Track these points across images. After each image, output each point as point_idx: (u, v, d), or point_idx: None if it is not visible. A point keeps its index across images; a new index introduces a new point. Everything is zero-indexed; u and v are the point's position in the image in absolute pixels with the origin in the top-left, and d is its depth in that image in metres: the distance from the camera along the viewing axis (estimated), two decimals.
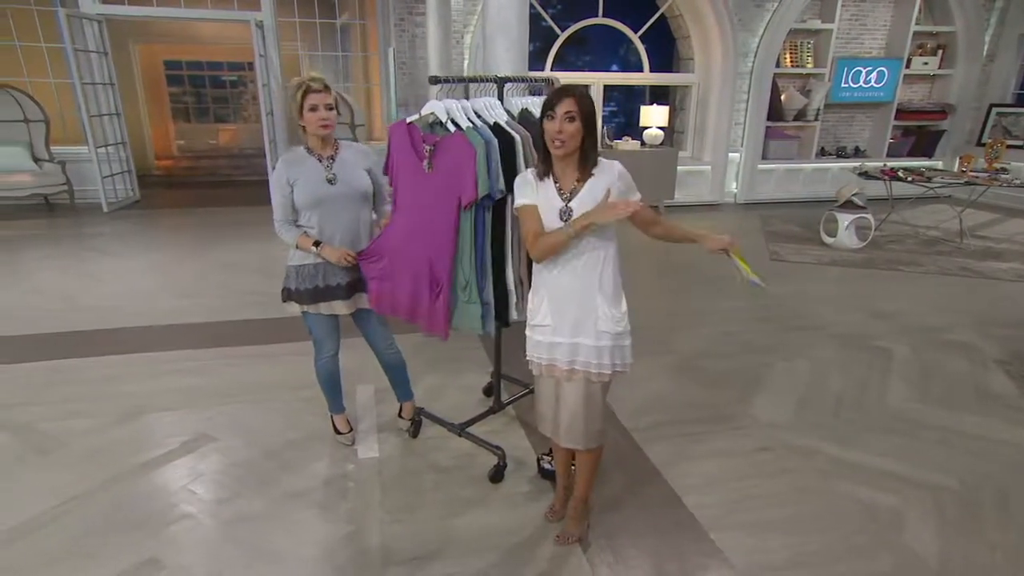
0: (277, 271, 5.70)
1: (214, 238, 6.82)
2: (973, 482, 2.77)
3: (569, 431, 2.20)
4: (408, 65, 7.39)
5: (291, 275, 2.69)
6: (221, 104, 12.09)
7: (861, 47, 9.11)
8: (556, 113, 1.92)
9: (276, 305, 4.76)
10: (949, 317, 4.72)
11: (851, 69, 8.86)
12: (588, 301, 2.07)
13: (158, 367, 3.78)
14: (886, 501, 2.64)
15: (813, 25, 8.64)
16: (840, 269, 5.95)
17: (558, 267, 2.09)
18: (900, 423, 3.26)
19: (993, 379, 3.75)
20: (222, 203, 8.75)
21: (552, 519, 2.49)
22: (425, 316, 2.51)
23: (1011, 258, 6.31)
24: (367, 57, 9.53)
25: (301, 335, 4.16)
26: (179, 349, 4.04)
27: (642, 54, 8.63)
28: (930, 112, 9.43)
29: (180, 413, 3.27)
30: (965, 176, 6.57)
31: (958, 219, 7.01)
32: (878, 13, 9.06)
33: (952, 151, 9.52)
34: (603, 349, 2.08)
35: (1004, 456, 2.99)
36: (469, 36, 7.53)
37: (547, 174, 2.07)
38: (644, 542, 2.39)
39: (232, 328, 4.40)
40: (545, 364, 2.19)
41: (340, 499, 2.63)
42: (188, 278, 5.50)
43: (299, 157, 2.60)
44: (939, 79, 9.52)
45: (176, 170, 10.93)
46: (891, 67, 8.97)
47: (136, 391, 3.48)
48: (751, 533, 2.44)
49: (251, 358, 3.94)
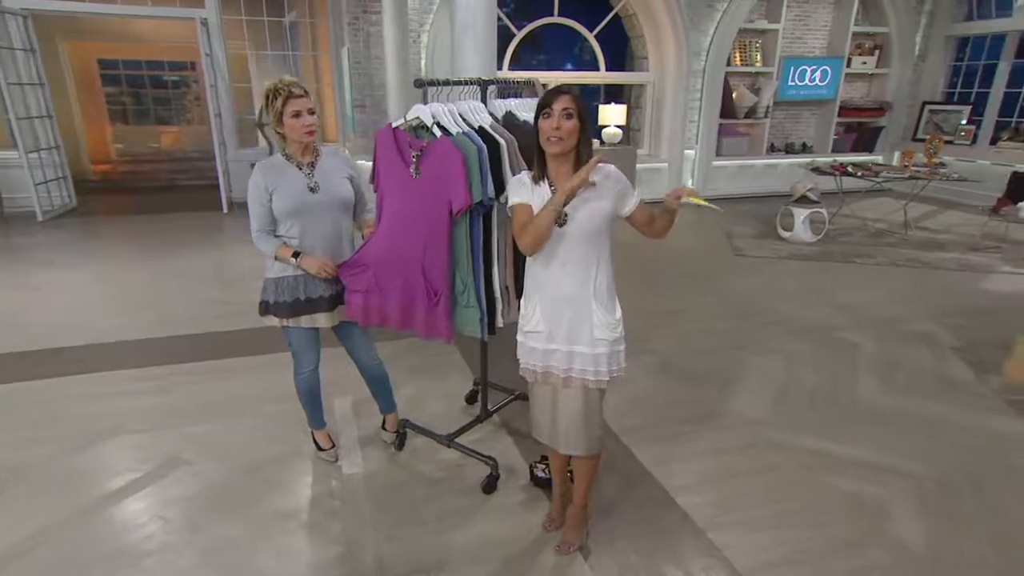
0: (235, 278, 5.51)
1: (162, 246, 6.50)
2: (948, 469, 2.88)
3: (569, 438, 2.17)
4: (363, 65, 7.23)
5: (269, 288, 2.57)
6: (162, 105, 11.51)
7: (805, 47, 9.42)
8: (553, 111, 1.90)
9: (238, 315, 4.68)
10: (905, 308, 4.93)
11: (797, 68, 9.16)
12: (583, 308, 2.05)
13: (117, 386, 3.57)
14: (870, 492, 2.71)
15: (760, 25, 8.89)
16: (799, 263, 6.13)
17: (552, 272, 2.06)
18: (873, 414, 3.37)
19: (953, 367, 3.92)
20: (168, 209, 8.37)
21: (550, 528, 2.46)
22: (422, 323, 2.44)
23: (952, 248, 6.64)
24: (317, 56, 9.28)
25: (269, 346, 4.04)
26: (138, 367, 3.82)
27: (598, 53, 8.70)
28: (869, 109, 9.84)
29: (146, 435, 3.09)
30: (908, 171, 6.87)
31: (902, 212, 7.34)
32: (819, 14, 9.39)
33: (890, 146, 9.98)
34: (600, 356, 2.06)
35: (972, 442, 3.12)
36: (426, 35, 7.42)
37: (542, 177, 2.04)
38: (644, 546, 2.39)
39: (193, 341, 4.20)
40: (541, 371, 2.16)
41: (328, 518, 2.53)
42: (138, 288, 5.23)
43: (278, 164, 2.49)
44: (876, 78, 9.95)
45: (115, 175, 10.39)
46: (833, 66, 9.31)
47: (96, 413, 3.27)
48: (746, 531, 2.47)
49: (217, 372, 3.76)
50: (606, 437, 3.08)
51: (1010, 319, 4.72)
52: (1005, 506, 2.65)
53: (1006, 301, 5.15)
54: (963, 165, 8.76)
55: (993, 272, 5.91)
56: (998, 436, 3.18)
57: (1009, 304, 5.06)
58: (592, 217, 1.98)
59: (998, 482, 2.80)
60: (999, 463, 2.94)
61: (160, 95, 11.45)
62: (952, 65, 9.86)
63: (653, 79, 8.93)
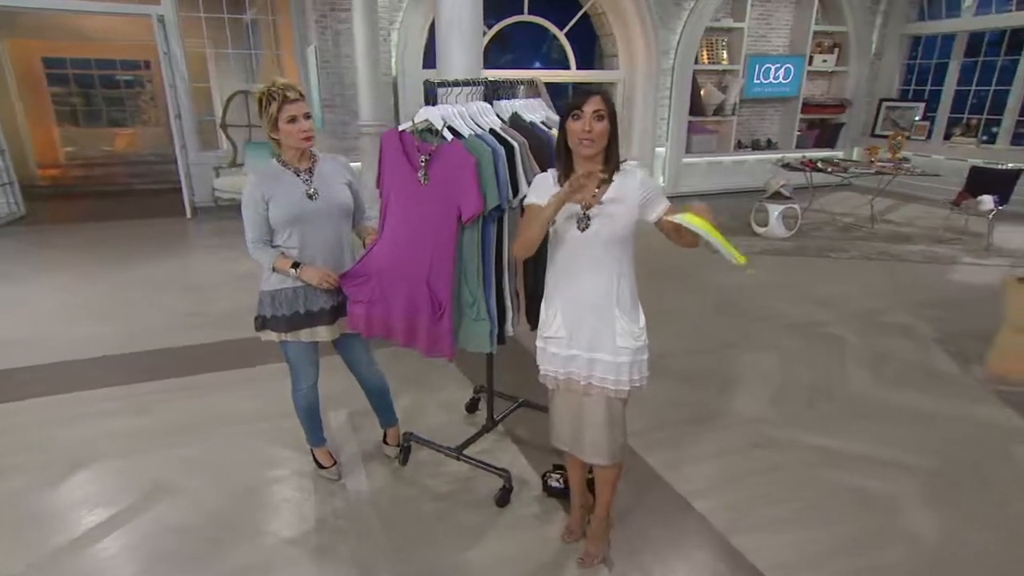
0: (205, 287, 5.27)
1: (123, 254, 6.18)
2: (948, 461, 2.93)
3: (593, 447, 2.11)
4: (332, 64, 7.02)
5: (265, 301, 2.43)
6: (115, 106, 10.92)
7: (769, 45, 9.59)
8: (584, 112, 1.84)
9: (213, 326, 4.47)
10: (882, 300, 5.04)
11: (761, 66, 9.31)
12: (605, 315, 1.99)
13: (91, 408, 3.35)
14: (876, 488, 2.74)
15: (726, 24, 9.00)
16: (775, 258, 6.22)
17: (573, 278, 2.00)
18: (868, 408, 3.41)
19: (936, 359, 4.01)
20: (126, 215, 7.98)
21: (570, 540, 2.40)
22: (425, 339, 2.34)
23: (918, 241, 6.84)
24: (280, 55, 8.98)
25: (253, 359, 3.86)
26: (110, 385, 3.59)
27: (568, 51, 8.67)
28: (830, 106, 10.09)
29: (129, 460, 2.90)
30: (874, 166, 7.05)
31: (869, 206, 7.54)
32: (781, 13, 9.57)
33: (851, 142, 10.25)
34: (622, 365, 2.01)
35: (966, 432, 3.19)
36: (396, 34, 7.25)
37: (567, 179, 1.97)
38: (667, 554, 2.35)
39: (168, 355, 3.99)
40: (562, 379, 2.10)
41: (338, 540, 2.40)
42: (102, 301, 4.94)
43: (274, 171, 2.35)
44: (836, 75, 10.20)
45: (65, 179, 9.86)
46: (795, 64, 9.50)
47: (71, 438, 3.06)
48: (765, 534, 2.45)
49: (198, 388, 3.57)
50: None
51: (981, 310, 4.85)
52: (1007, 495, 2.70)
53: (974, 292, 5.32)
54: (919, 160, 9.05)
55: (957, 263, 6.10)
56: (990, 426, 3.25)
57: (977, 295, 5.22)
58: (614, 222, 1.92)
59: (998, 472, 2.86)
60: (996, 452, 3.01)
61: (112, 95, 10.88)
62: (906, 63, 10.18)
63: (623, 77, 8.95)
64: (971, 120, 9.40)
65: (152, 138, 10.65)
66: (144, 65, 11.06)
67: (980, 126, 9.23)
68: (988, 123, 9.23)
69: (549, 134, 2.48)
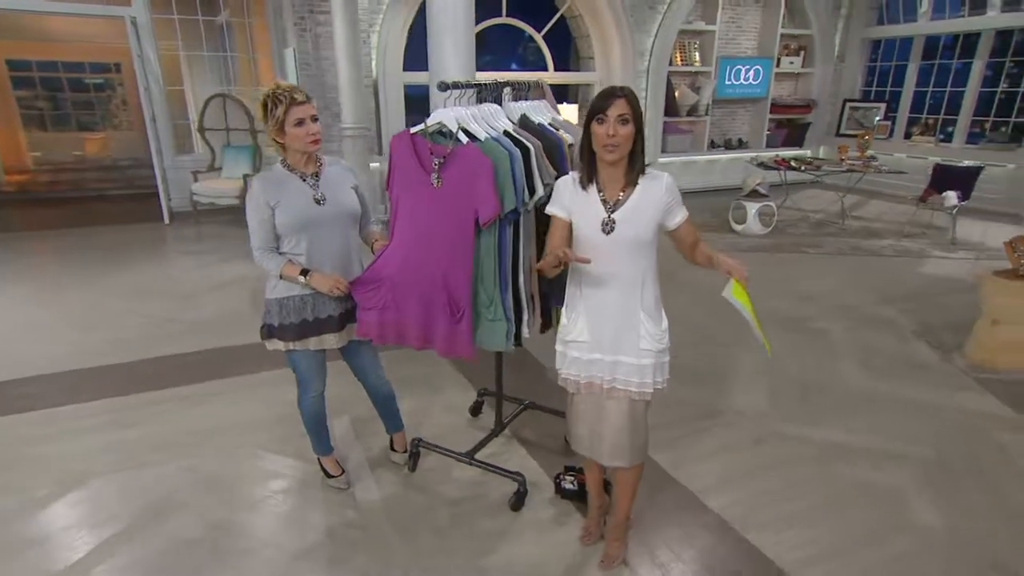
0: (188, 294, 5.08)
1: (100, 262, 5.91)
2: (943, 450, 2.97)
3: (614, 449, 2.07)
4: (313, 66, 6.84)
5: (273, 310, 2.32)
6: (85, 110, 10.43)
7: (739, 47, 9.69)
8: (608, 116, 1.78)
9: (200, 333, 4.30)
10: (860, 294, 5.11)
11: (732, 67, 9.40)
12: (630, 318, 1.95)
13: (81, 422, 3.18)
14: (880, 479, 2.75)
15: (698, 27, 9.06)
16: (755, 255, 6.27)
17: (598, 281, 1.95)
18: (860, 400, 3.44)
19: (917, 350, 4.08)
20: (100, 221, 7.66)
21: (588, 542, 2.34)
22: (444, 340, 2.25)
23: (887, 235, 6.98)
24: (254, 58, 8.73)
25: (245, 366, 3.73)
26: (97, 398, 3.41)
27: (546, 53, 8.63)
28: (797, 106, 10.25)
29: (127, 474, 2.75)
30: (845, 164, 7.18)
31: (839, 202, 7.67)
32: (750, 16, 9.68)
33: (817, 141, 10.44)
34: (645, 368, 1.97)
35: (955, 421, 3.23)
36: (376, 36, 7.11)
37: (590, 182, 1.92)
38: (686, 552, 2.31)
39: (155, 365, 3.81)
40: (584, 382, 2.05)
41: (354, 551, 2.31)
42: (82, 310, 4.71)
43: (279, 176, 2.24)
44: (802, 77, 10.37)
45: (34, 185, 9.42)
46: (764, 66, 9.63)
47: (63, 454, 2.89)
48: (778, 529, 2.43)
49: (192, 398, 3.42)
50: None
51: (953, 301, 4.96)
52: (1000, 482, 2.74)
53: (944, 284, 5.43)
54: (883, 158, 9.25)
55: (926, 257, 6.24)
56: (975, 414, 3.30)
57: (947, 287, 5.34)
58: (638, 226, 1.88)
59: (989, 459, 2.91)
60: (984, 440, 3.05)
61: (82, 99, 10.39)
62: (868, 66, 10.39)
63: (600, 78, 8.94)
64: (929, 120, 9.65)
65: (124, 142, 10.24)
66: (114, 68, 10.65)
67: (937, 125, 9.49)
68: (944, 123, 9.49)
69: (558, 135, 2.42)
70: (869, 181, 8.86)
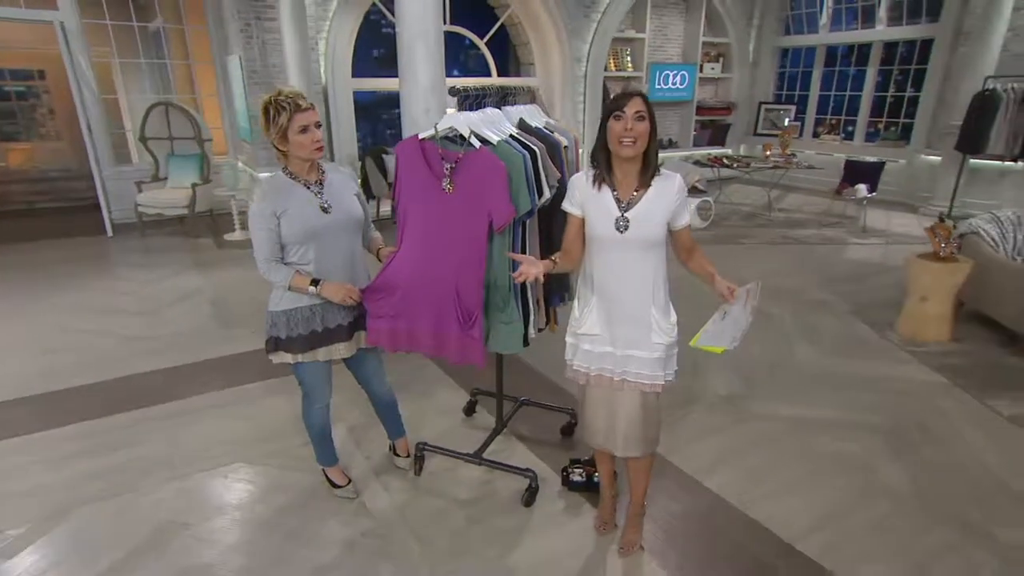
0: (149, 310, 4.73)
1: (44, 279, 5.37)
2: (895, 417, 3.15)
3: (628, 441, 2.07)
4: (260, 73, 6.48)
5: (279, 322, 2.17)
6: (7, 120, 9.40)
7: (666, 54, 9.96)
8: (625, 113, 1.78)
9: (171, 349, 3.99)
10: (797, 280, 5.36)
11: (661, 72, 9.66)
12: (642, 313, 1.95)
13: (58, 449, 2.88)
14: (849, 449, 2.89)
15: (630, 34, 9.25)
16: None
17: (611, 277, 1.95)
18: (818, 376, 3.60)
19: (857, 328, 4.32)
20: (34, 236, 6.95)
21: (604, 531, 2.34)
22: (455, 348, 2.18)
23: (809, 225, 7.37)
24: (191, 65, 8.20)
25: (228, 380, 3.49)
26: (77, 421, 3.11)
27: (489, 59, 8.57)
28: (719, 108, 10.66)
29: (122, 500, 2.52)
30: (770, 160, 7.52)
31: (765, 196, 8.03)
32: (675, 25, 9.97)
33: (737, 140, 10.89)
34: (657, 361, 1.98)
35: (900, 390, 3.44)
36: (323, 43, 6.82)
37: (604, 181, 1.90)
38: (696, 532, 2.35)
39: (132, 384, 3.51)
40: (593, 374, 2.04)
41: (376, 561, 2.20)
42: (40, 331, 4.27)
43: (283, 184, 2.10)
44: (722, 81, 10.79)
45: None
46: (689, 71, 9.94)
47: (49, 484, 2.62)
48: (774, 503, 2.50)
49: (178, 417, 3.17)
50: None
51: (877, 282, 5.29)
52: (951, 442, 2.94)
53: (866, 267, 5.79)
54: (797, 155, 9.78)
55: (846, 243, 6.63)
56: (916, 382, 3.53)
57: (869, 270, 5.69)
58: (651, 225, 1.88)
59: (936, 423, 3.11)
60: (928, 406, 3.27)
61: (2, 108, 9.37)
62: (778, 71, 10.92)
63: (541, 84, 8.96)
64: (832, 120, 10.25)
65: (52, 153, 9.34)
66: (38, 75, 9.71)
67: (840, 125, 10.10)
68: (846, 123, 10.12)
69: (555, 138, 2.40)
70: (788, 176, 9.33)
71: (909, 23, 8.85)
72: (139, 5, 7.80)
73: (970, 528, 2.37)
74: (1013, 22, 6.99)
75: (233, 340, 4.06)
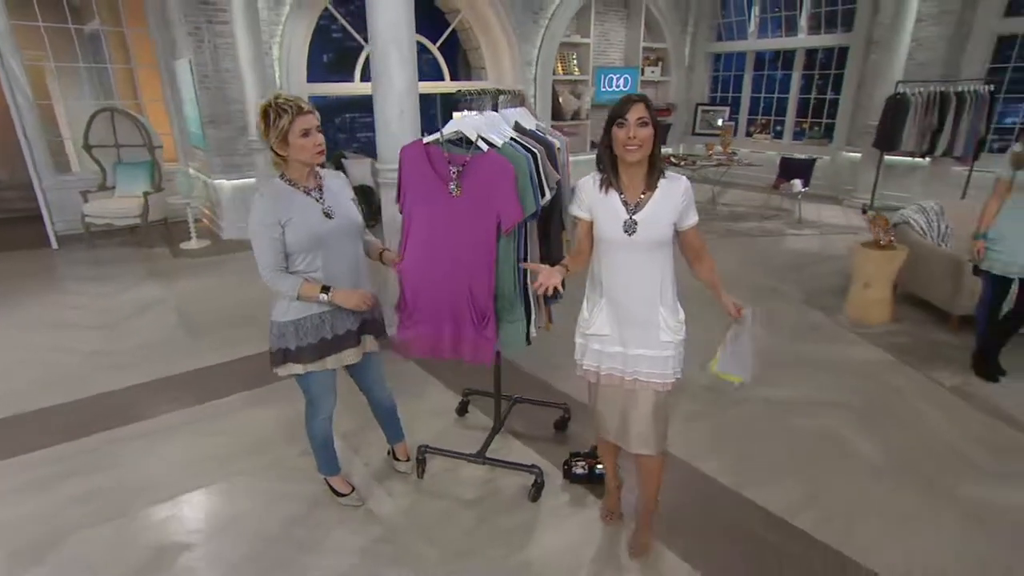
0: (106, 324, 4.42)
1: None
2: (859, 395, 3.30)
3: (640, 439, 2.05)
4: (212, 79, 6.13)
5: (288, 333, 2.05)
6: None
7: (609, 58, 10.11)
8: (628, 120, 1.76)
9: (136, 365, 3.73)
10: (747, 270, 5.55)
11: (606, 75, 9.80)
12: (651, 314, 1.94)
13: (35, 473, 2.64)
14: (826, 425, 3.00)
15: (575, 40, 9.33)
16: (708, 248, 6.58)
17: (619, 277, 1.94)
18: (784, 360, 3.73)
19: (809, 314, 4.50)
20: None
21: (610, 521, 2.34)
22: (470, 348, 2.13)
23: (750, 219, 7.65)
24: (133, 69, 7.69)
25: (206, 394, 3.30)
26: (53, 444, 2.86)
27: (442, 64, 8.45)
28: (660, 110, 10.89)
29: (113, 526, 2.33)
30: (713, 158, 7.76)
31: (710, 191, 8.29)
32: (617, 31, 10.13)
33: (677, 140, 11.19)
34: (667, 359, 1.97)
35: (856, 369, 3.61)
36: (277, 47, 6.54)
37: (611, 186, 1.89)
38: (696, 513, 2.38)
39: (106, 403, 3.26)
40: (603, 373, 2.02)
41: (392, 566, 2.13)
42: None
43: (283, 191, 1.99)
44: (662, 84, 11.04)
45: None
46: (631, 74, 10.13)
47: (33, 514, 2.38)
48: (765, 483, 2.57)
49: (159, 434, 2.97)
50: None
51: (820, 270, 5.54)
52: (908, 416, 3.11)
53: (805, 257, 6.05)
54: None
55: (784, 235, 6.92)
56: (869, 362, 3.71)
57: (810, 259, 5.94)
58: (659, 227, 1.87)
59: (892, 398, 3.28)
60: (884, 383, 3.44)
61: None
62: (712, 75, 11.29)
63: (493, 88, 8.91)
64: (763, 120, 10.70)
65: None
66: None
67: (771, 125, 10.55)
68: (775, 122, 10.58)
69: (550, 140, 2.38)
70: (729, 173, 9.67)
71: (827, 32, 9.33)
72: (74, 7, 7.27)
73: (934, 488, 2.52)
74: (916, 34, 7.47)
75: (204, 351, 3.83)
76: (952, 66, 7.46)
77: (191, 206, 6.29)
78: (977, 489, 2.52)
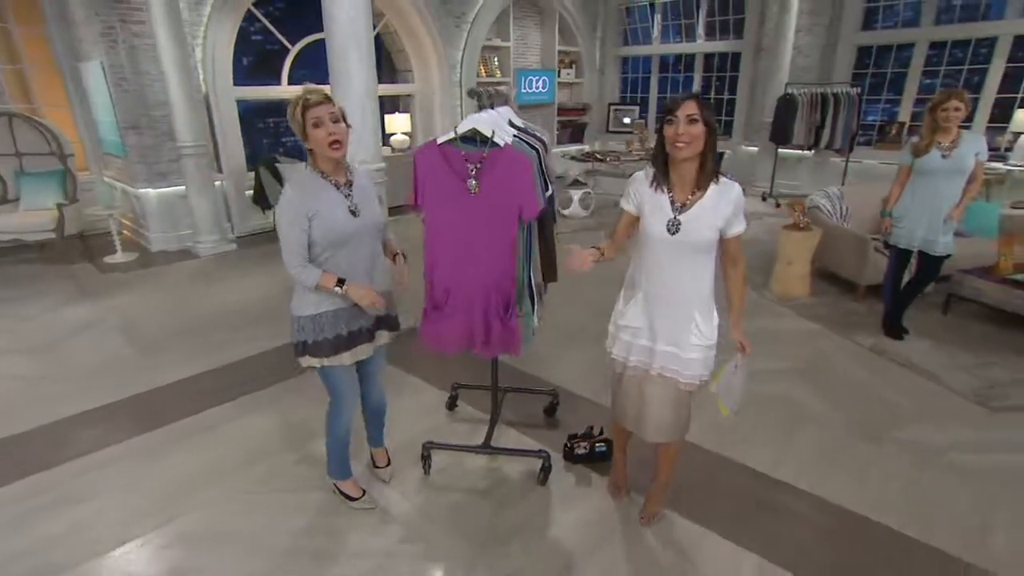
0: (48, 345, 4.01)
1: None
2: (799, 360, 3.60)
3: (659, 429, 2.05)
4: (130, 81, 5.55)
5: (307, 327, 1.97)
6: None
7: (528, 61, 10.23)
8: (677, 117, 1.72)
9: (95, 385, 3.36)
10: None
11: (526, 77, 9.91)
12: (685, 314, 1.91)
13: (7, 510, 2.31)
14: (783, 389, 3.24)
15: (496, 43, 9.36)
16: (588, 234, 6.77)
17: (657, 274, 1.91)
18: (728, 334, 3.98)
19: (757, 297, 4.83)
20: None
21: (618, 495, 2.41)
22: (497, 341, 2.12)
23: None
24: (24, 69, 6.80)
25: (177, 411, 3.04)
26: (21, 478, 2.53)
27: None
28: (576, 110, 11.20)
29: (114, 557, 2.09)
30: (634, 154, 8.09)
31: None
32: (533, 35, 10.26)
33: (592, 138, 11.54)
34: (695, 361, 1.94)
35: (790, 339, 3.92)
36: (200, 49, 6.04)
37: (661, 185, 1.85)
38: (690, 476, 2.49)
39: (67, 429, 2.90)
40: (631, 364, 2.03)
41: (423, 565, 2.08)
42: None
43: (315, 184, 1.89)
44: (576, 85, 11.33)
45: None
46: (549, 76, 10.32)
47: (23, 548, 2.09)
48: (742, 444, 2.74)
49: (137, 457, 2.69)
50: (599, 405, 3.05)
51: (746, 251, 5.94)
52: (842, 376, 3.43)
53: None
54: None
55: None
56: (799, 332, 4.05)
57: None
58: (702, 229, 1.81)
59: (826, 362, 3.60)
60: (816, 349, 3.77)
61: None
62: (622, 77, 11.73)
63: (419, 90, 8.77)
64: None
65: None
66: None
67: None
68: None
69: (542, 136, 2.40)
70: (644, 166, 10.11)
71: (721, 39, 9.99)
72: None
73: (877, 436, 2.81)
74: (796, 42, 8.24)
75: (163, 368, 3.51)
76: (826, 71, 8.29)
77: (113, 217, 5.70)
78: (908, 432, 2.84)
